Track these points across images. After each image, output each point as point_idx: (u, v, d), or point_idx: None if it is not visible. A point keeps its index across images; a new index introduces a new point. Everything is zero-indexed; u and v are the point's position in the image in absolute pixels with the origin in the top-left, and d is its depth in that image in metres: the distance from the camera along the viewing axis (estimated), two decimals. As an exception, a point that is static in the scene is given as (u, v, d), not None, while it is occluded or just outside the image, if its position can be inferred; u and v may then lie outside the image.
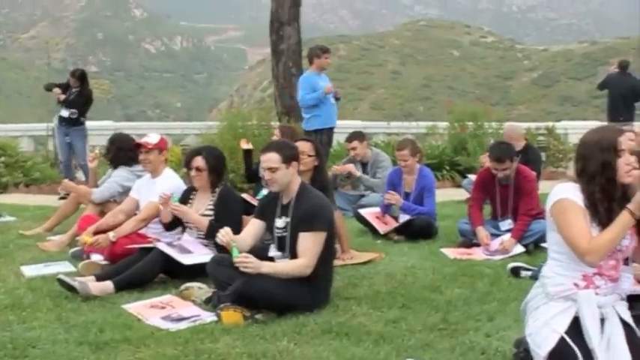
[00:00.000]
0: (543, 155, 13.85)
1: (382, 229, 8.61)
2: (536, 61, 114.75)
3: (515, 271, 6.72)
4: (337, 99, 11.45)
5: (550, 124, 16.91)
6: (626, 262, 4.12)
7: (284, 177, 5.60)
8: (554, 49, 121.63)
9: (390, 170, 9.25)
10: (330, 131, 11.38)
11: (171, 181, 7.32)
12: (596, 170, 3.90)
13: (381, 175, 9.80)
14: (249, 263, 5.22)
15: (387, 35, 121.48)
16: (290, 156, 5.63)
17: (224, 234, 5.41)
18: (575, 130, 15.95)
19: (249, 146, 10.19)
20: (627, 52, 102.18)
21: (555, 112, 75.78)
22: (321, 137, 10.75)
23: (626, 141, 3.95)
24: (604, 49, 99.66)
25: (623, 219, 3.81)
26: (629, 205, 3.81)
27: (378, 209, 8.89)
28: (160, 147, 7.47)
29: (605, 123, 13.71)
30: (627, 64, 14.80)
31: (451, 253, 7.75)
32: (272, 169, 5.59)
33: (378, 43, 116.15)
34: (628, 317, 4.04)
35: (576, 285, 3.95)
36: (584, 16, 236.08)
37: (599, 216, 3.87)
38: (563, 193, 3.94)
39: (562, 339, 3.86)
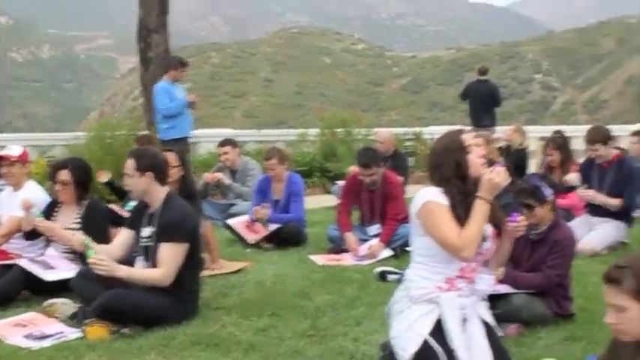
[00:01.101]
0: (412, 160, 14.16)
1: (251, 238, 8.59)
2: (405, 68, 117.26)
3: (383, 276, 6.85)
4: (192, 108, 11.45)
5: (417, 129, 17.29)
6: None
7: (137, 185, 5.54)
8: (423, 55, 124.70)
9: (260, 178, 9.26)
10: (186, 140, 11.33)
11: (34, 194, 7.09)
12: (451, 173, 4.06)
13: (251, 183, 9.81)
14: (104, 265, 5.13)
15: (259, 43, 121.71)
16: (146, 165, 5.55)
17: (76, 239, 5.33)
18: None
19: (107, 178, 9.69)
20: (491, 58, 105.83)
21: (425, 118, 77.68)
22: (180, 147, 10.63)
23: (469, 138, 4.14)
24: (469, 56, 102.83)
25: (479, 207, 4.00)
26: (479, 193, 4.01)
27: (247, 217, 8.88)
28: (23, 159, 7.24)
29: (470, 127, 14.18)
30: (486, 70, 15.26)
31: (320, 259, 7.82)
32: (127, 176, 5.55)
33: (251, 50, 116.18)
34: (489, 317, 4.18)
35: (439, 288, 4.05)
36: (451, 23, 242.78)
37: (463, 214, 4.01)
38: (427, 196, 4.06)
39: (425, 341, 3.95)
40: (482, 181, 4.02)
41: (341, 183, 10.43)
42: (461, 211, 4.01)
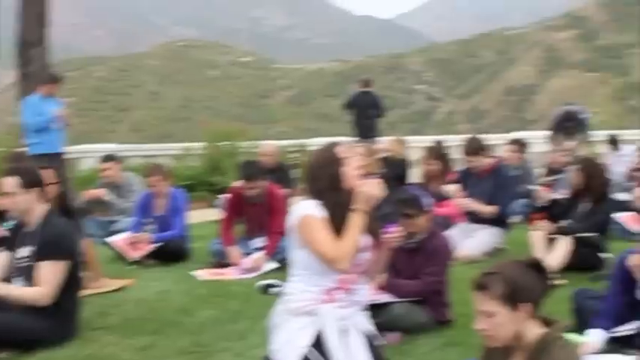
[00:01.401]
0: (296, 172, 14.20)
1: (134, 255, 8.45)
2: (292, 80, 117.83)
3: (265, 289, 6.84)
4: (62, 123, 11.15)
5: (303, 141, 17.38)
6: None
7: (21, 202, 5.38)
8: (310, 68, 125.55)
9: (142, 194, 9.12)
10: (59, 156, 11.07)
11: None
12: (326, 185, 4.09)
13: (133, 199, 9.65)
14: None
15: (145, 56, 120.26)
16: (31, 182, 5.41)
17: None
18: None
19: None
20: (376, 69, 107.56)
21: (312, 129, 78.02)
22: (52, 162, 10.34)
23: (344, 150, 4.19)
24: (355, 67, 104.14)
25: (355, 219, 4.04)
26: (354, 205, 4.05)
27: (129, 234, 8.72)
28: None
29: (354, 138, 14.35)
30: (368, 82, 15.47)
31: (204, 274, 7.76)
32: (9, 194, 5.37)
33: (136, 63, 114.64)
34: (369, 327, 4.22)
35: (318, 300, 4.07)
36: (337, 36, 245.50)
37: (340, 226, 4.04)
38: (304, 210, 4.08)
39: (305, 354, 3.96)
40: (357, 193, 4.07)
41: (225, 197, 10.35)
42: (337, 224, 4.05)
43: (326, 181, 4.11)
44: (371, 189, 4.08)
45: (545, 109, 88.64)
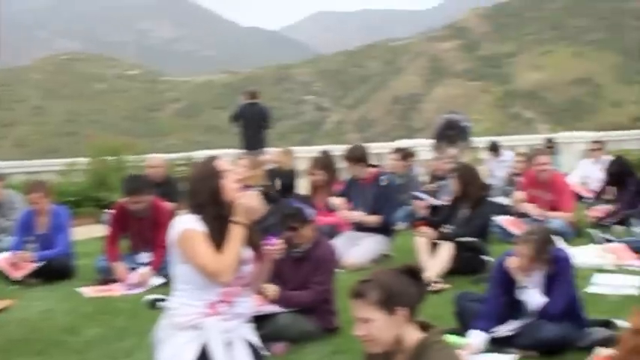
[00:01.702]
0: (185, 185, 14.05)
1: (15, 274, 8.18)
2: (180, 92, 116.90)
3: (153, 304, 6.76)
4: None
5: (190, 154, 17.22)
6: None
7: None
8: (198, 80, 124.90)
9: (23, 212, 8.85)
10: None
11: None
12: (206, 199, 4.09)
13: (14, 217, 9.35)
14: None
15: (28, 70, 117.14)
16: None
17: None
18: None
19: None
20: (265, 81, 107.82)
21: (201, 142, 77.70)
22: None
23: (222, 164, 4.20)
24: (244, 79, 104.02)
25: (235, 232, 4.05)
26: (234, 218, 4.06)
27: (11, 253, 8.44)
28: None
29: (244, 150, 14.32)
30: (255, 93, 15.46)
31: (89, 291, 7.60)
32: None
33: (19, 77, 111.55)
34: (253, 338, 4.22)
35: (202, 314, 4.04)
36: (225, 47, 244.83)
37: (220, 239, 4.03)
38: (184, 224, 4.06)
39: (191, 368, 3.94)
40: (237, 206, 4.07)
41: (110, 212, 10.16)
42: (218, 237, 4.04)
43: (206, 195, 4.10)
44: (250, 201, 4.09)
45: (431, 117, 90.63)
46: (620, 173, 10.33)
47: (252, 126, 14.89)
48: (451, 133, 13.29)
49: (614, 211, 9.94)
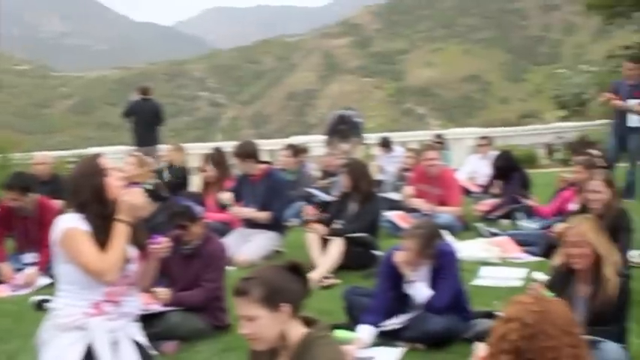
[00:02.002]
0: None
1: None
2: (73, 88, 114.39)
3: (39, 305, 6.58)
4: None
5: (81, 151, 16.87)
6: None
7: None
8: (91, 75, 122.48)
9: None
10: None
11: None
12: (89, 197, 4.01)
13: None
14: None
15: None
16: None
17: None
18: (114, 155, 16.01)
19: None
20: (159, 77, 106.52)
21: (94, 138, 76.22)
22: None
23: (105, 162, 4.13)
24: (137, 75, 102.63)
25: (119, 230, 4.00)
26: (117, 216, 4.01)
27: None
28: None
29: (136, 147, 14.08)
30: (147, 89, 15.21)
31: (-27, 294, 7.35)
32: None
33: None
34: (140, 337, 4.17)
35: (87, 314, 3.97)
36: (117, 42, 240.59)
37: (104, 238, 3.96)
38: (67, 223, 3.98)
39: (76, 369, 3.86)
40: (120, 203, 4.00)
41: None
42: (102, 236, 3.97)
43: (88, 193, 4.02)
44: (134, 199, 4.03)
45: (326, 113, 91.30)
46: (505, 167, 10.59)
47: (145, 122, 14.66)
48: (343, 129, 13.36)
49: (499, 205, 10.20)
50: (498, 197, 10.52)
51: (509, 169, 10.54)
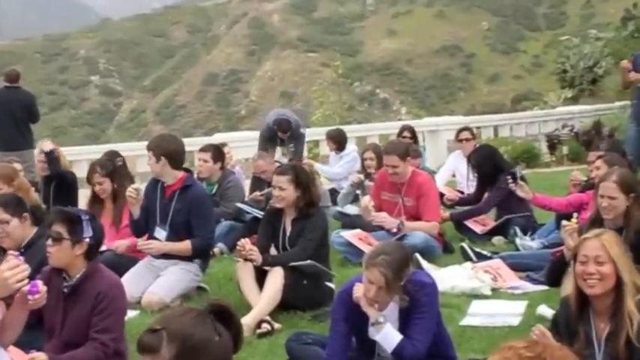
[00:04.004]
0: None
1: None
2: None
3: None
4: None
5: None
6: None
7: None
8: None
9: None
10: None
11: None
12: None
13: None
14: None
15: None
16: None
17: None
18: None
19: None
20: (30, 56, 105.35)
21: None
22: None
23: None
24: (2, 54, 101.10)
25: None
26: None
27: None
28: None
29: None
30: (17, 75, 15.01)
31: None
32: None
33: None
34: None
35: None
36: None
37: None
38: None
39: None
40: None
41: None
42: None
43: None
44: None
45: (258, 101, 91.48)
46: (483, 165, 10.52)
47: (12, 119, 14.46)
48: (283, 128, 13.34)
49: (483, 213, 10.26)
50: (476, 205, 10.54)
51: (490, 168, 10.43)
